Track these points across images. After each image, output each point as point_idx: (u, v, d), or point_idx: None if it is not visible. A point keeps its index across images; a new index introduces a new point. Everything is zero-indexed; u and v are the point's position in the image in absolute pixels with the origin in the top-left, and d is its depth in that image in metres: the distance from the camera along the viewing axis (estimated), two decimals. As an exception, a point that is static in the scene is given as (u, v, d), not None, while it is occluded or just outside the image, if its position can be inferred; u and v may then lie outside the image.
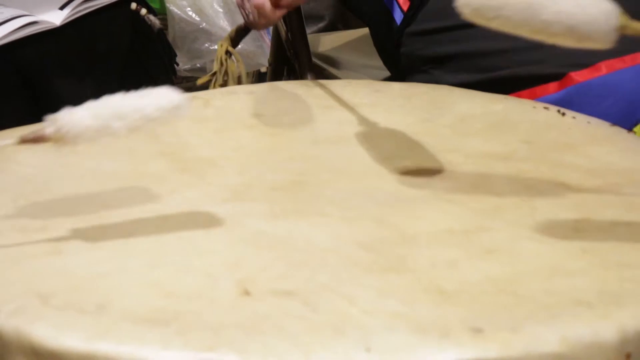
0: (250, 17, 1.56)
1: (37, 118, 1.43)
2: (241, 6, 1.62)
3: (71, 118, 1.19)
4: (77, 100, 1.19)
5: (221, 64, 1.67)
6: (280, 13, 1.54)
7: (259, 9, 1.52)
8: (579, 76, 1.60)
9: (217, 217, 1.25)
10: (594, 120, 1.51)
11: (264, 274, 1.14)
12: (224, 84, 1.64)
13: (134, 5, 1.72)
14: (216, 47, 2.58)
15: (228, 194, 1.31)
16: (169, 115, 1.19)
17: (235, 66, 1.64)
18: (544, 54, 1.65)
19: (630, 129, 1.55)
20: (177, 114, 1.19)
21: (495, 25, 1.19)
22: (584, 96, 1.56)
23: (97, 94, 1.17)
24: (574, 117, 1.51)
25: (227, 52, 1.67)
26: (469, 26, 1.72)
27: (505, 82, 1.64)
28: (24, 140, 1.20)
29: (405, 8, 1.77)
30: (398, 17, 1.78)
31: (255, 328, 1.05)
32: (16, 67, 1.58)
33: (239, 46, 2.16)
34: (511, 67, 1.67)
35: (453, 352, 1.02)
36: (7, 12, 1.59)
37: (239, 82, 1.63)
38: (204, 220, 1.25)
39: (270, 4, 1.51)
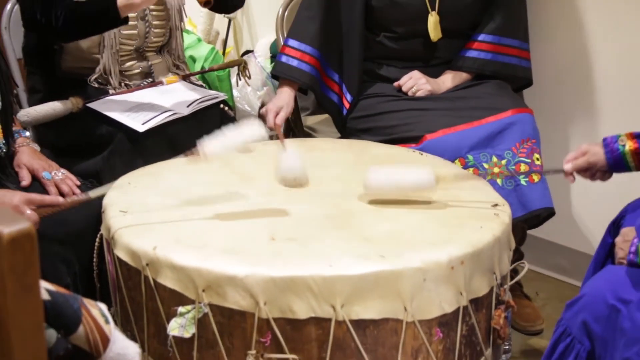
0: (267, 124, 1.64)
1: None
2: (262, 117, 1.67)
3: (209, 145, 1.18)
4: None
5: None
6: (279, 125, 1.63)
7: (269, 124, 1.63)
8: (429, 137, 1.59)
9: (258, 203, 1.24)
10: (436, 157, 1.50)
11: (280, 229, 1.14)
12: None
13: (222, 105, 1.71)
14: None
15: (263, 192, 1.29)
16: (259, 139, 1.20)
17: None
18: (412, 127, 1.64)
19: (452, 161, 1.55)
20: (263, 138, 1.20)
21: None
22: (432, 146, 1.56)
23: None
24: (426, 156, 1.51)
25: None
26: (379, 114, 1.71)
27: (396, 140, 1.63)
28: (187, 155, 1.20)
29: (347, 107, 1.77)
30: (344, 111, 1.78)
31: (276, 256, 1.06)
32: (166, 136, 1.57)
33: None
34: (398, 133, 1.65)
35: (369, 266, 1.02)
36: (161, 109, 1.58)
37: None
38: (252, 205, 1.24)
39: (273, 122, 1.62)
